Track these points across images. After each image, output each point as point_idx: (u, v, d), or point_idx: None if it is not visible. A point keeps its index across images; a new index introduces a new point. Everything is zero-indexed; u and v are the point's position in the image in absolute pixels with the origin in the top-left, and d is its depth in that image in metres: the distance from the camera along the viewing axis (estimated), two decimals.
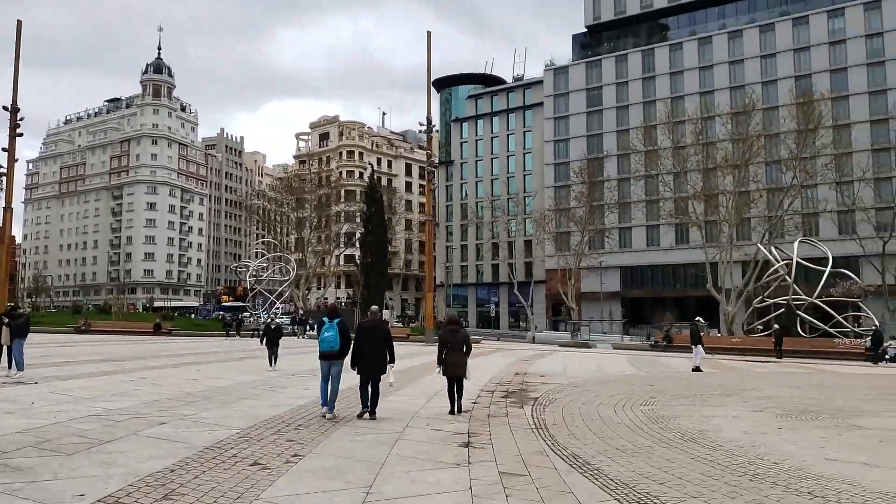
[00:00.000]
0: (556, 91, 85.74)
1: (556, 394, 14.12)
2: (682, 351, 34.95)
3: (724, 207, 51.70)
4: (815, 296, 33.75)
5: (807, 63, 72.28)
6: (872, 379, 18.82)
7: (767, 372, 21.31)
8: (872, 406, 12.24)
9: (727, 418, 10.64)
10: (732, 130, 59.73)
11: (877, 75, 68.64)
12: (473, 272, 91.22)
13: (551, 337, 54.06)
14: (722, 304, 49.77)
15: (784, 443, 8.49)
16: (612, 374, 20.01)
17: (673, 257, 74.04)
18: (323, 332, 10.27)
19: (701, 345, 21.83)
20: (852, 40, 70.46)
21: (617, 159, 76.97)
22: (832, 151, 56.22)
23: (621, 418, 10.74)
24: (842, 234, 60.75)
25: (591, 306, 71.09)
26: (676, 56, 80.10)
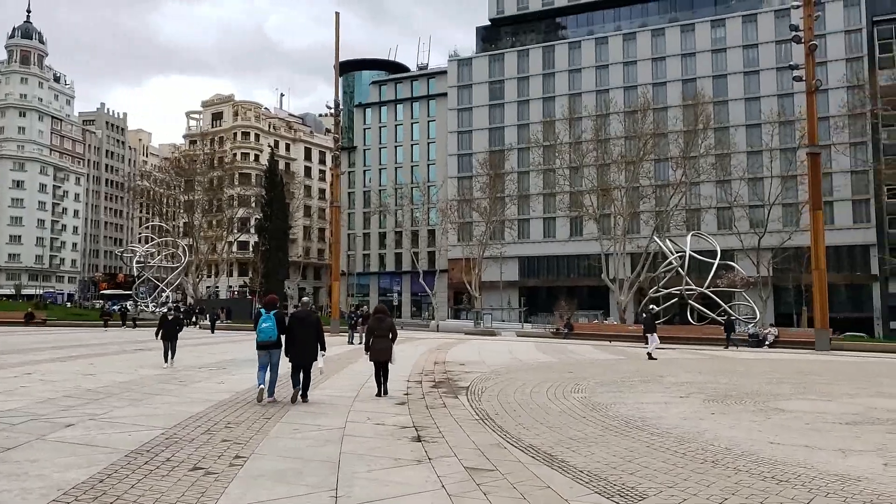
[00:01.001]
0: (460, 82, 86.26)
1: (484, 382, 14.01)
2: (582, 338, 36.24)
3: (618, 202, 54.01)
4: (705, 286, 35.96)
5: (693, 68, 76.68)
6: (760, 364, 20.09)
7: (671, 358, 22.31)
8: (780, 389, 12.96)
9: (660, 404, 10.87)
10: (627, 128, 62.61)
11: (752, 83, 73.89)
12: (376, 261, 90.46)
13: (454, 325, 54.48)
14: (615, 293, 52.01)
15: (724, 428, 8.72)
16: (528, 362, 20.22)
17: (568, 249, 76.64)
18: (261, 323, 10.51)
19: (656, 333, 22.30)
20: (732, 49, 75.45)
21: (518, 152, 78.52)
22: (715, 152, 59.96)
23: (559, 406, 10.73)
24: (721, 228, 65.24)
25: (490, 295, 72.32)
26: (575, 54, 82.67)
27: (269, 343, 10.42)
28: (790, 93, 70.38)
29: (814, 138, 28.05)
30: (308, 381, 10.73)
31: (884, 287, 63.88)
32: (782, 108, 67.01)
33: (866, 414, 9.74)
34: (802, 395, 12.07)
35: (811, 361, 21.33)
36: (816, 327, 27.93)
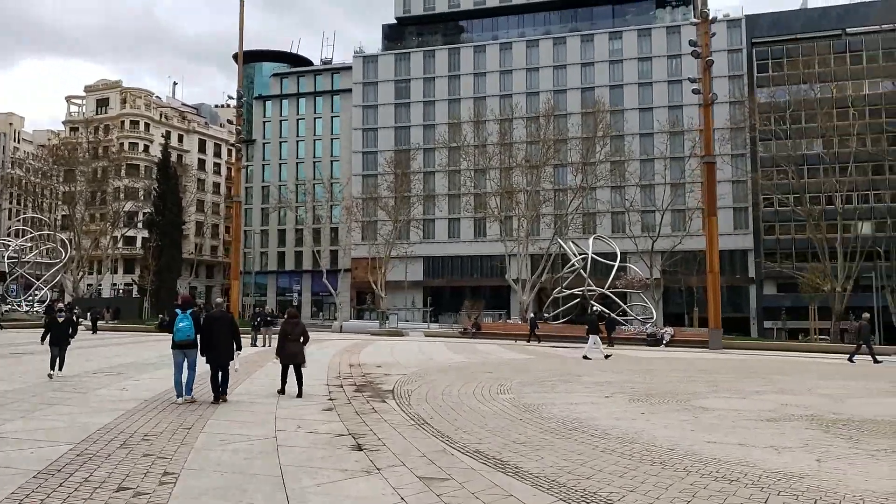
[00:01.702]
0: (366, 79, 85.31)
1: (408, 385, 13.71)
2: (489, 337, 36.65)
3: (521, 204, 55.19)
4: (606, 286, 37.36)
5: (592, 77, 79.67)
6: (664, 363, 20.99)
7: (580, 358, 22.88)
8: (695, 388, 13.51)
9: (589, 405, 11.00)
10: (529, 133, 64.09)
11: (645, 94, 77.73)
12: (275, 259, 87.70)
13: (358, 326, 53.67)
14: (518, 293, 53.10)
15: (659, 428, 8.89)
16: (444, 363, 20.09)
17: (472, 249, 77.58)
18: (178, 323, 10.53)
19: (597, 335, 22.38)
20: (628, 61, 79.05)
21: (424, 153, 78.63)
22: (612, 159, 62.56)
23: (491, 408, 10.62)
24: (615, 232, 68.20)
25: (395, 295, 71.93)
26: (480, 58, 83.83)
27: (186, 342, 10.49)
28: (680, 105, 74.81)
29: (710, 148, 29.80)
30: (227, 380, 10.90)
31: (759, 289, 69.00)
32: (676, 118, 70.86)
33: (781, 411, 10.26)
34: (716, 393, 12.61)
35: (709, 360, 22.52)
36: (710, 327, 29.63)
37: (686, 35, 76.83)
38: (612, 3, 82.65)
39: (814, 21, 70.51)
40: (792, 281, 61.39)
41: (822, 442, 7.87)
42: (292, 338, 11.79)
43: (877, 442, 7.84)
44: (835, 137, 53.88)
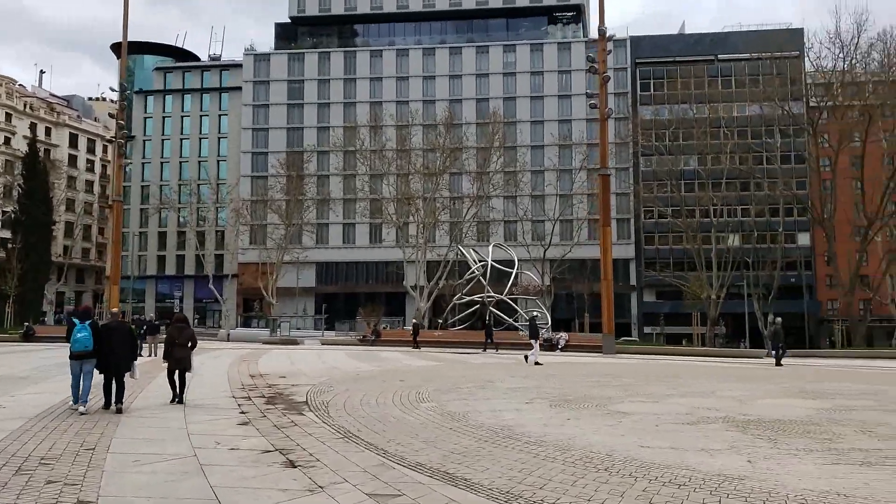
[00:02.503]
0: (257, 78, 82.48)
1: (322, 396, 13.15)
2: (389, 345, 36.26)
3: (420, 211, 55.27)
4: (504, 293, 38.04)
5: (486, 88, 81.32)
6: (565, 367, 21.53)
7: (483, 363, 23.04)
8: (606, 392, 13.85)
9: (513, 411, 10.96)
10: (427, 140, 64.33)
11: (537, 107, 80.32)
12: (154, 263, 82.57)
13: (248, 334, 51.50)
14: (416, 299, 53.02)
15: (589, 433, 8.95)
16: (351, 371, 19.55)
17: (368, 255, 76.77)
18: (75, 333, 10.34)
19: (538, 340, 22.52)
20: (521, 74, 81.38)
21: (318, 155, 77.02)
22: (507, 169, 64.05)
23: (416, 417, 10.34)
24: (507, 240, 69.81)
25: (285, 302, 69.73)
26: (376, 63, 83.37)
27: (84, 353, 10.33)
28: (569, 119, 77.90)
29: (605, 161, 31.12)
30: (122, 390, 10.69)
31: (640, 296, 72.95)
32: (568, 132, 73.59)
33: (696, 413, 10.67)
34: (629, 397, 12.98)
35: (607, 364, 23.35)
36: (604, 332, 30.85)
37: (576, 52, 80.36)
38: (506, 17, 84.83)
39: (690, 46, 75.74)
40: (670, 288, 65.45)
41: (746, 443, 8.20)
42: (180, 343, 11.69)
43: (793, 441, 8.27)
44: (709, 155, 57.99)
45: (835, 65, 48.55)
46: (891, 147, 49.90)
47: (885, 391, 14.10)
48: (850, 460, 7.23)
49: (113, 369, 10.52)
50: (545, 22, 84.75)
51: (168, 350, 11.77)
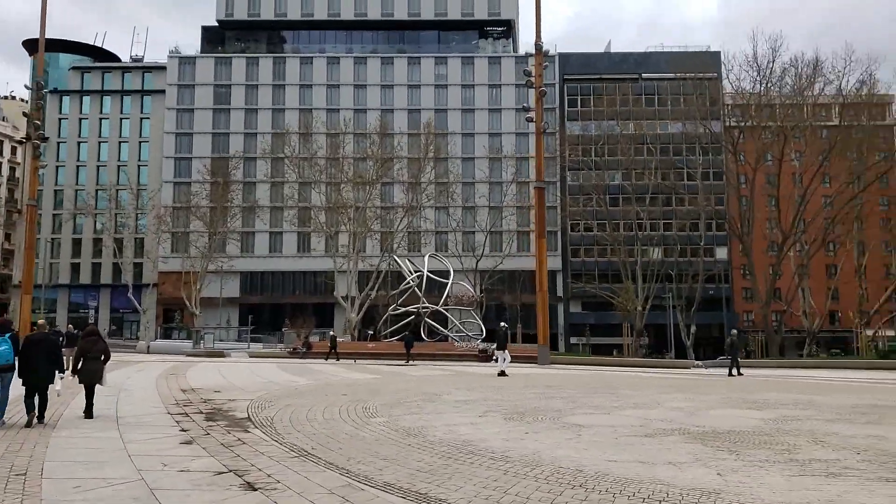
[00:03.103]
0: (182, 81, 79.65)
1: (264, 411, 12.53)
2: (322, 357, 35.33)
3: (352, 220, 54.50)
4: (440, 304, 37.84)
5: (418, 99, 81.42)
6: (508, 380, 21.35)
7: (424, 376, 22.72)
8: (555, 404, 13.80)
9: (469, 426, 10.70)
10: (359, 149, 63.69)
11: (468, 120, 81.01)
12: (67, 271, 77.92)
13: (169, 346, 49.18)
14: (346, 310, 52.12)
15: (551, 448, 8.79)
16: (288, 385, 18.81)
17: (296, 264, 75.07)
18: None
19: (507, 350, 22.37)
20: (452, 87, 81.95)
21: (244, 162, 74.90)
22: (440, 180, 64.17)
23: (370, 433, 9.93)
24: (439, 251, 69.90)
25: (207, 312, 67.13)
26: (306, 70, 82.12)
27: (4, 366, 10.10)
28: (499, 132, 78.96)
29: (541, 174, 31.53)
30: (45, 404, 10.49)
31: (566, 308, 74.40)
32: (499, 145, 74.48)
33: (650, 426, 10.71)
34: (579, 409, 12.96)
35: (546, 375, 23.46)
36: (539, 343, 31.11)
37: (506, 66, 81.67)
38: (437, 30, 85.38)
39: (616, 64, 78.34)
40: (595, 300, 67.12)
41: (709, 455, 8.23)
42: (92, 356, 11.47)
43: (754, 453, 8.37)
44: (635, 170, 59.94)
45: (753, 87, 51.22)
46: (802, 167, 53.01)
47: (819, 401, 14.66)
48: (814, 471, 7.35)
49: (34, 382, 10.23)
50: (476, 36, 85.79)
51: (79, 364, 11.45)
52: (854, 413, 12.39)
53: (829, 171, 53.96)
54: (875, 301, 58.92)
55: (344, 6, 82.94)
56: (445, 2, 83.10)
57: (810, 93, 52.24)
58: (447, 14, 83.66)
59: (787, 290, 54.77)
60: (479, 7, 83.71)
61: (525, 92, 79.91)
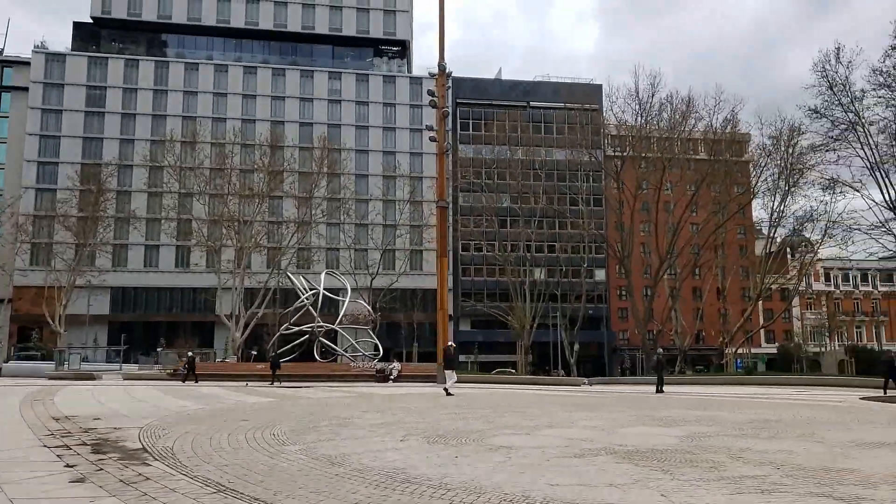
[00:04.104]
0: (49, 79, 73.59)
1: (158, 440, 11.37)
2: (206, 379, 33.25)
3: (239, 234, 52.19)
4: (336, 322, 36.74)
5: (311, 113, 79.97)
6: (415, 399, 20.99)
7: (324, 398, 21.82)
8: (472, 425, 13.53)
9: (393, 451, 10.20)
10: (248, 161, 61.32)
11: (362, 137, 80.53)
12: None
13: (26, 368, 44.48)
14: (231, 330, 49.61)
15: (488, 473, 8.48)
16: (178, 411, 17.36)
17: (173, 280, 70.82)
18: None
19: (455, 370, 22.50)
20: (346, 102, 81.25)
21: (119, 170, 69.98)
22: (334, 196, 63.06)
23: (291, 464, 9.19)
24: (330, 268, 68.45)
25: (73, 331, 61.68)
26: (191, 76, 78.53)
27: None
28: (393, 151, 78.96)
29: (442, 193, 31.56)
30: None
31: (456, 326, 74.99)
32: (393, 163, 74.38)
33: (575, 445, 10.68)
34: (498, 429, 12.77)
35: (451, 395, 23.18)
36: (439, 362, 30.87)
37: (401, 86, 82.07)
38: (332, 45, 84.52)
39: (506, 91, 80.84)
40: (484, 318, 68.24)
41: (644, 475, 8.24)
42: None
43: (685, 472, 8.47)
44: (524, 194, 61.72)
45: (635, 120, 54.39)
46: (675, 196, 56.82)
47: (718, 417, 15.37)
48: (748, 489, 7.50)
49: None
50: (371, 54, 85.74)
51: None
52: (753, 428, 13.04)
53: (698, 201, 58.08)
54: (735, 322, 63.89)
55: (234, 13, 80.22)
56: (340, 17, 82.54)
57: (684, 128, 56.24)
58: (342, 30, 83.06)
59: (660, 311, 58.18)
60: (375, 25, 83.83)
61: (419, 112, 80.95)
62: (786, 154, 53.17)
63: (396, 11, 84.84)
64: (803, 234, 58.44)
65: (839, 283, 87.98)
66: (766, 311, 73.82)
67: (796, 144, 52.70)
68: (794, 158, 52.83)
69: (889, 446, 10.71)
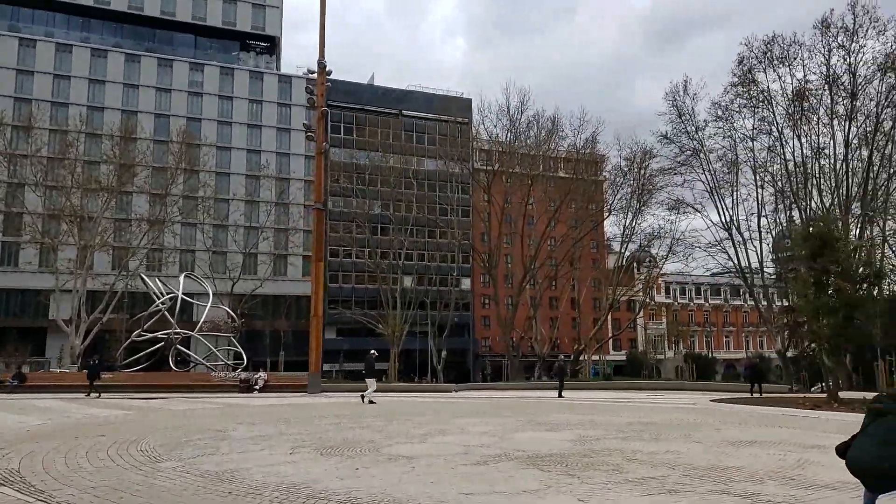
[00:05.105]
0: None
1: (10, 459, 9.83)
2: (39, 391, 29.76)
3: (84, 231, 47.49)
4: (196, 329, 34.27)
5: (168, 104, 74.93)
6: (288, 409, 19.87)
7: (189, 409, 20.20)
8: (362, 434, 12.95)
9: (287, 464, 9.46)
10: (94, 150, 56.20)
11: (225, 133, 76.66)
12: None
13: None
14: (71, 336, 44.92)
15: (396, 484, 8.06)
16: (17, 428, 15.25)
17: None
18: None
19: (375, 378, 22.34)
20: (209, 96, 76.98)
21: None
22: (193, 194, 59.16)
23: (171, 483, 8.22)
24: (184, 271, 64.18)
25: None
26: (27, 53, 71.21)
27: None
28: (258, 150, 75.82)
29: (320, 195, 30.49)
30: None
31: (323, 333, 73.11)
32: (260, 162, 71.35)
33: (474, 452, 10.51)
34: (391, 438, 12.33)
35: (327, 405, 22.28)
36: (311, 371, 29.70)
37: (269, 83, 79.09)
38: (194, 34, 79.93)
39: (379, 97, 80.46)
40: (349, 326, 67.22)
41: (555, 481, 8.20)
42: None
43: (591, 475, 8.54)
44: (397, 202, 61.60)
45: (506, 135, 56.10)
46: (538, 211, 59.24)
47: (599, 420, 15.89)
48: (656, 490, 7.66)
49: None
50: (237, 48, 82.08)
51: None
52: (634, 430, 13.60)
53: (559, 216, 60.94)
54: (587, 330, 67.66)
55: None
56: (205, 6, 78.33)
57: (549, 146, 58.87)
58: (206, 20, 78.81)
59: (521, 320, 60.30)
60: (242, 19, 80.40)
61: (288, 111, 78.45)
62: (638, 175, 57.26)
63: (266, 6, 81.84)
64: (650, 250, 63.17)
65: (677, 296, 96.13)
66: (614, 321, 78.87)
67: (647, 167, 56.96)
68: (645, 179, 57.01)
69: (758, 444, 11.54)
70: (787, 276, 43.49)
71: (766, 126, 46.28)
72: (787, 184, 46.01)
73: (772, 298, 50.73)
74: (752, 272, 49.84)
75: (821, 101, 44.53)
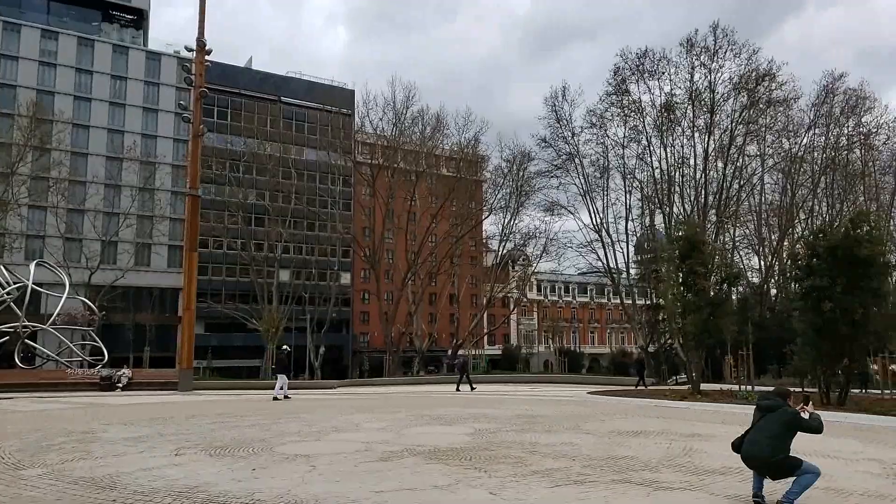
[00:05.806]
0: None
1: None
2: None
3: None
4: (49, 323, 31.11)
5: (15, 72, 67.89)
6: (160, 408, 18.51)
7: (42, 410, 18.29)
8: (250, 433, 12.25)
9: (172, 467, 8.71)
10: None
11: (83, 109, 70.50)
12: None
13: None
14: None
15: (300, 485, 7.65)
16: None
17: None
18: None
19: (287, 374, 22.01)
20: (64, 67, 70.44)
21: None
22: (43, 175, 53.83)
23: (41, 493, 7.35)
24: (29, 259, 58.27)
25: None
26: None
27: None
28: (122, 130, 70.40)
29: (195, 182, 28.64)
30: None
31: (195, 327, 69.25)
32: (131, 144, 66.18)
33: (375, 449, 10.24)
34: (283, 437, 11.77)
35: (202, 403, 20.93)
36: (183, 367, 27.89)
37: (134, 59, 73.54)
38: None
39: (257, 82, 77.19)
40: (219, 321, 64.19)
41: (461, 475, 8.13)
42: None
43: (496, 468, 8.56)
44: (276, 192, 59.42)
45: (392, 130, 55.70)
46: (422, 208, 59.46)
47: (489, 414, 16.07)
48: (562, 481, 7.80)
49: None
50: (99, 17, 75.70)
51: None
52: (526, 423, 13.88)
53: (442, 213, 61.49)
54: (465, 326, 68.91)
55: None
56: None
57: (433, 143, 59.17)
58: None
59: (403, 315, 60.28)
60: None
61: (156, 91, 73.39)
62: (517, 176, 58.97)
63: None
64: (525, 249, 65.34)
65: (548, 294, 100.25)
66: (490, 316, 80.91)
67: (526, 169, 58.81)
68: (523, 181, 58.82)
69: (643, 434, 12.15)
70: (650, 276, 46.60)
71: (637, 135, 49.25)
72: (653, 190, 49.19)
73: (635, 297, 54.06)
74: (618, 272, 52.86)
75: (685, 115, 48.05)
